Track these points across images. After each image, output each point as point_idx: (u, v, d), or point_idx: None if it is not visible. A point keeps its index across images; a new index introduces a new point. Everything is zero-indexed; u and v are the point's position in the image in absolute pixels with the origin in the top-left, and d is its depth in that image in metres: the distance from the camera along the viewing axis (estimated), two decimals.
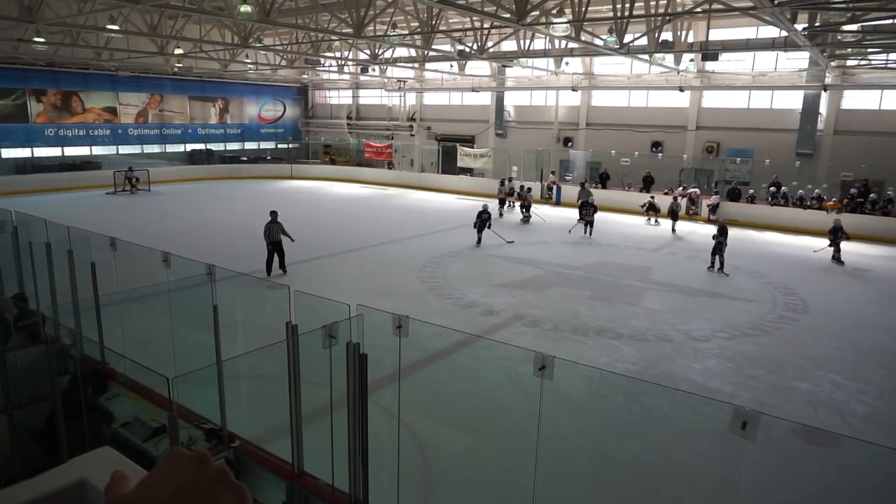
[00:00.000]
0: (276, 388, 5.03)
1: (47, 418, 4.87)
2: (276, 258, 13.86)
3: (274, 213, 13.96)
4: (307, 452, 4.31)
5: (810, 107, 22.18)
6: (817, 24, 15.07)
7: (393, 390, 5.01)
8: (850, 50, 19.08)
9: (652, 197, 22.11)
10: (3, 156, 27.07)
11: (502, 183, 23.76)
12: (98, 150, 30.10)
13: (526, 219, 21.39)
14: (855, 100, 21.86)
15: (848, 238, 16.56)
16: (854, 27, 14.98)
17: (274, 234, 13.72)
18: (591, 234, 18.67)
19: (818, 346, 10.14)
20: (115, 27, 17.60)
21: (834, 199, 20.79)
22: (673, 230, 20.01)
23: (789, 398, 8.24)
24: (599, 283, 13.79)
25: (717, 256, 14.74)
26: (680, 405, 7.96)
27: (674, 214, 20.07)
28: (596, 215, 18.91)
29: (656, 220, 21.49)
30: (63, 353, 5.44)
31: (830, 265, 16.05)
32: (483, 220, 17.33)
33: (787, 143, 22.77)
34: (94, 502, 1.34)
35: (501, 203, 23.11)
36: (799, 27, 14.86)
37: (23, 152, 27.73)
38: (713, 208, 21.74)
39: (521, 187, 22.83)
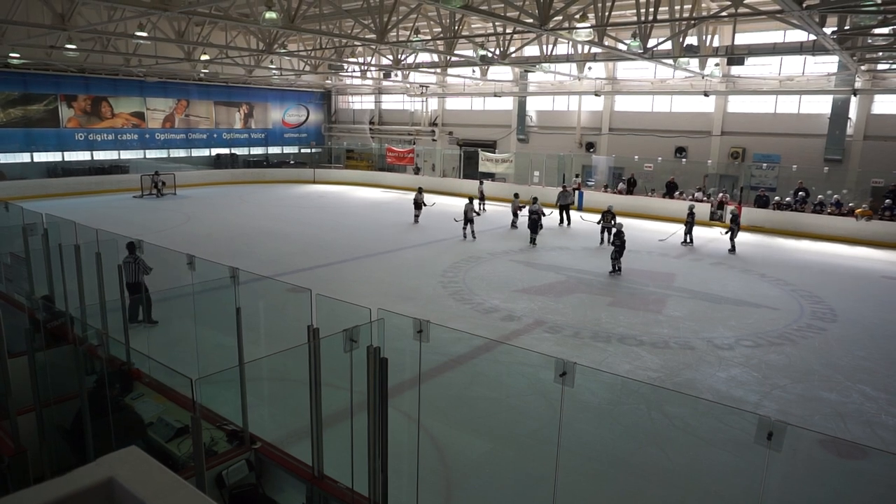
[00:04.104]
0: (297, 390, 5.07)
1: (75, 417, 4.96)
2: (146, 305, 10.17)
3: (130, 246, 9.92)
4: (327, 455, 4.33)
5: (839, 111, 21.76)
6: (847, 27, 14.78)
7: (413, 395, 5.02)
8: (881, 53, 18.70)
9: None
10: (35, 159, 27.77)
11: (420, 191, 23.00)
12: (126, 155, 30.75)
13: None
14: (886, 104, 21.37)
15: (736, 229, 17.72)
16: (885, 30, 14.67)
17: (131, 275, 9.86)
18: (610, 241, 18.22)
19: (847, 356, 9.91)
20: (144, 34, 17.95)
21: (864, 205, 20.35)
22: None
23: (817, 409, 8.06)
24: (621, 289, 13.67)
25: (616, 260, 14.89)
26: (703, 414, 7.84)
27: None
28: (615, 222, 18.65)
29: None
30: (90, 353, 5.53)
31: (859, 273, 15.69)
32: (534, 220, 18.16)
33: (815, 148, 22.36)
34: (120, 500, 1.37)
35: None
36: (828, 31, 14.60)
37: (54, 156, 28.42)
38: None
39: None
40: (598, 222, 18.69)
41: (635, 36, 16.58)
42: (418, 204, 22.11)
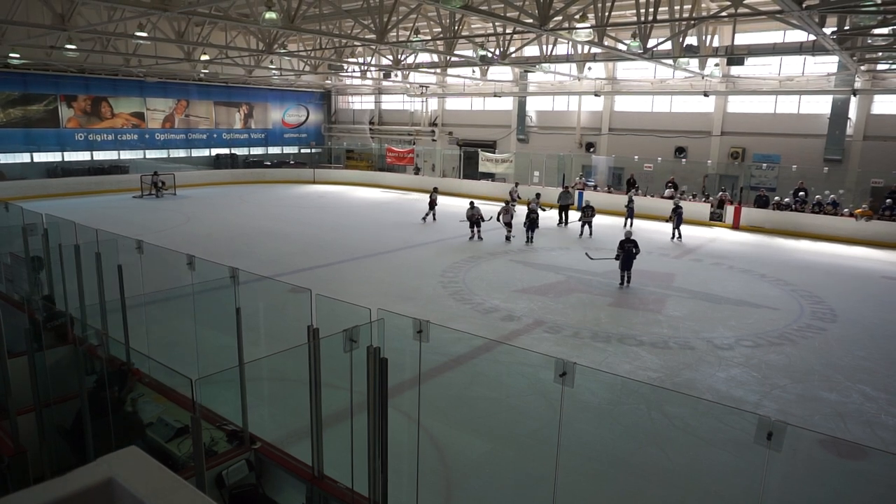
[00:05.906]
0: (297, 391, 5.07)
1: (75, 417, 4.96)
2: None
3: (38, 261, 7.33)
4: (327, 455, 4.33)
5: (839, 112, 21.77)
6: (846, 27, 14.79)
7: (413, 395, 5.02)
8: (880, 54, 18.71)
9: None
10: (35, 160, 27.77)
11: (434, 191, 22.82)
12: (126, 155, 30.76)
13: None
14: (886, 105, 21.38)
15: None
16: (885, 30, 14.67)
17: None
18: (591, 234, 19.43)
19: (847, 357, 9.91)
20: (144, 34, 17.95)
21: (864, 205, 20.36)
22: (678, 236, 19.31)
23: (817, 409, 8.06)
24: (621, 289, 13.66)
25: (626, 271, 13.68)
26: (703, 414, 7.84)
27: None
28: (594, 218, 19.62)
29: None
30: (90, 353, 5.53)
31: (859, 273, 15.70)
32: (532, 219, 18.39)
33: (814, 148, 22.36)
34: (120, 500, 1.36)
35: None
36: (827, 31, 14.60)
37: (54, 156, 28.43)
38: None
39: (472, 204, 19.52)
40: (579, 219, 19.69)
41: (635, 36, 16.57)
42: (433, 203, 22.24)
